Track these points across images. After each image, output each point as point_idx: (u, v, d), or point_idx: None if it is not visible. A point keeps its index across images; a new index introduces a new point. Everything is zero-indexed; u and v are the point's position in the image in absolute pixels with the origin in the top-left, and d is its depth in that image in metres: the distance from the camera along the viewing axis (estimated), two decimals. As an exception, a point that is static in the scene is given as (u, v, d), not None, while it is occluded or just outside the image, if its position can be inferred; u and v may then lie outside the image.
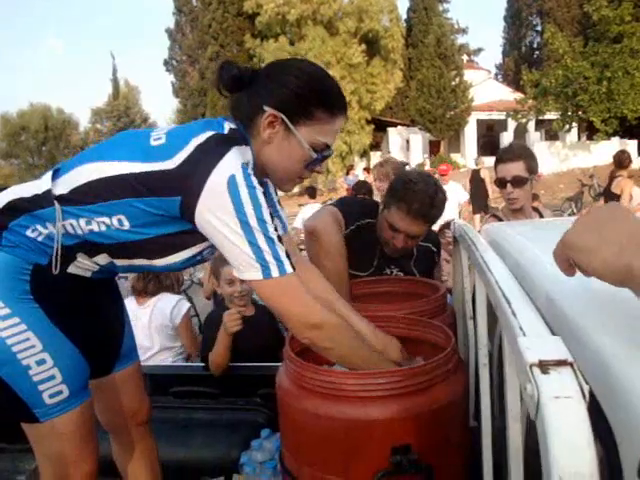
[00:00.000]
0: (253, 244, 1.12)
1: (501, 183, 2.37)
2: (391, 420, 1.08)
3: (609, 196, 5.49)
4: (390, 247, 1.98)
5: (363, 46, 24.79)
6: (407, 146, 27.75)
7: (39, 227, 1.22)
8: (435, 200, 1.86)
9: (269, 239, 1.13)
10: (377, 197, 7.65)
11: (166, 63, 33.46)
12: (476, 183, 11.00)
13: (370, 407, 1.08)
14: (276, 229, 1.17)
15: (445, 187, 3.94)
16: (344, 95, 1.34)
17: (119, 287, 1.58)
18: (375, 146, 28.31)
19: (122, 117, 40.59)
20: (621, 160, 5.66)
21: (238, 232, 1.11)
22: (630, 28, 18.93)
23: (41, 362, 1.24)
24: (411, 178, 1.91)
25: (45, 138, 38.23)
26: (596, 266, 0.64)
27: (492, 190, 11.21)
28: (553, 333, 0.63)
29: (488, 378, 1.12)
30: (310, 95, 1.24)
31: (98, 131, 41.43)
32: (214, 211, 1.12)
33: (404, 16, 30.66)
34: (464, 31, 36.71)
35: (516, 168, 2.33)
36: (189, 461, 2.02)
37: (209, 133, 1.21)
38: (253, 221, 1.11)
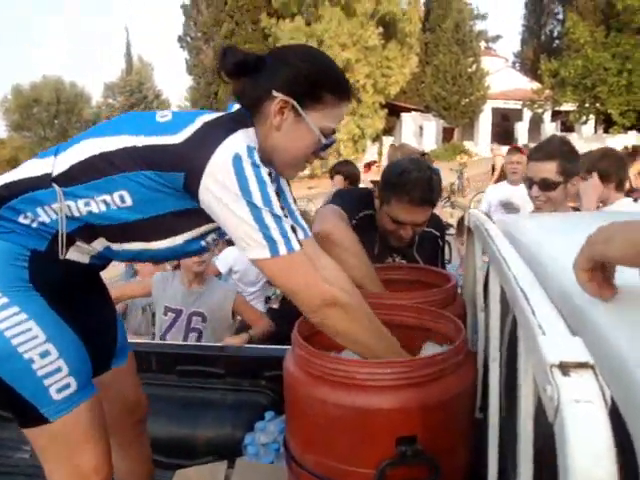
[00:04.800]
0: (259, 221, 1.09)
1: (529, 183, 2.14)
2: (398, 410, 1.07)
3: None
4: (397, 239, 1.95)
5: (380, 29, 24.50)
6: (420, 132, 27.56)
7: (30, 214, 1.17)
8: (432, 183, 1.86)
9: (275, 216, 1.10)
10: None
11: (180, 40, 33.24)
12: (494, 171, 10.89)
13: (377, 396, 1.07)
14: (282, 207, 1.14)
15: (521, 185, 3.88)
16: (348, 81, 1.33)
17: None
18: (388, 131, 28.12)
19: (135, 92, 40.50)
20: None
21: (244, 209, 1.09)
22: (655, 19, 18.55)
23: (45, 354, 1.15)
24: (404, 168, 1.88)
25: (57, 111, 38.26)
26: (619, 247, 0.63)
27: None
28: (572, 333, 0.61)
29: (498, 372, 1.10)
30: (319, 79, 1.22)
31: (110, 106, 41.41)
32: (219, 187, 1.09)
33: None
34: (483, 17, 36.19)
35: (546, 169, 2.06)
36: (191, 440, 2.03)
37: (217, 114, 1.20)
38: (258, 198, 1.09)
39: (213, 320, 2.68)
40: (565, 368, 0.52)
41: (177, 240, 1.25)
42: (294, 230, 1.15)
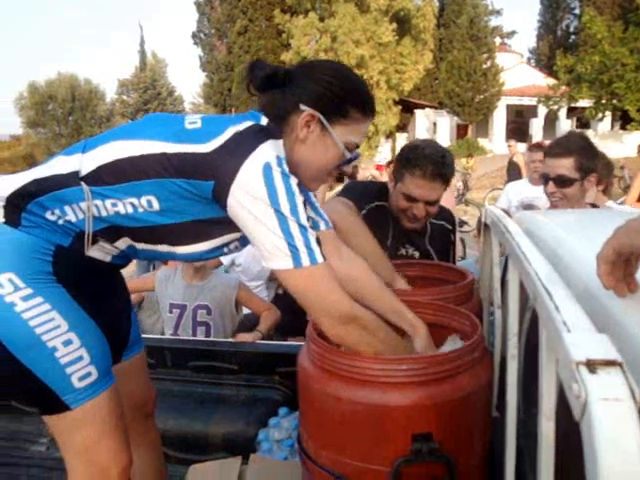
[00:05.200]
0: (285, 231, 1.08)
1: (545, 179, 2.12)
2: (414, 407, 1.06)
3: None
4: (409, 219, 1.96)
5: (394, 25, 24.44)
6: (434, 129, 27.43)
7: (57, 211, 1.18)
8: (446, 159, 1.88)
9: (301, 227, 1.10)
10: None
11: (194, 36, 33.40)
12: (512, 171, 10.83)
13: (393, 393, 1.06)
14: (309, 219, 1.15)
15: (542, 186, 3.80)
16: (373, 97, 1.35)
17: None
18: (402, 128, 28.03)
19: (148, 89, 40.74)
20: None
21: (271, 218, 1.08)
22: (674, 14, 18.28)
23: (68, 343, 1.18)
24: (418, 144, 1.93)
25: (72, 108, 38.53)
26: None
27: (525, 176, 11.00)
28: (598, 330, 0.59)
29: (516, 370, 1.09)
30: (346, 95, 1.24)
31: (124, 102, 41.69)
32: (248, 196, 1.09)
33: (437, -5, 29.98)
34: (498, 12, 35.86)
35: (563, 165, 2.04)
36: (205, 436, 2.03)
37: (248, 123, 1.20)
38: (286, 208, 1.09)
39: (219, 312, 2.68)
40: (592, 366, 0.50)
41: (202, 247, 1.26)
42: (319, 243, 1.15)
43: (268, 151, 1.12)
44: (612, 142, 20.40)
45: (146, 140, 1.18)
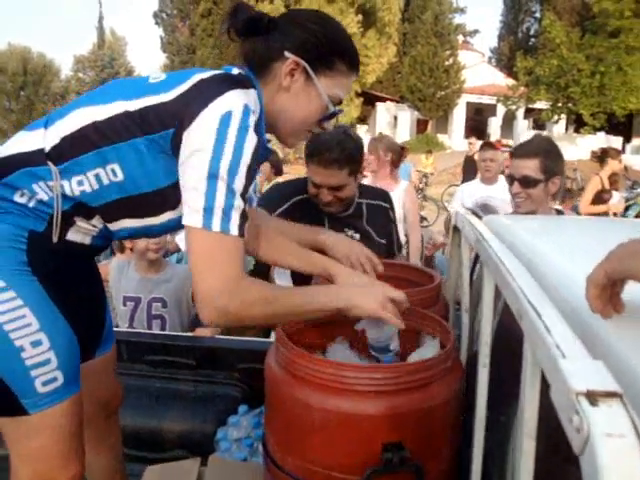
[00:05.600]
0: (210, 187, 1.01)
1: (510, 180, 2.17)
2: (385, 416, 1.04)
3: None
4: (323, 204, 2.02)
5: (359, 17, 24.36)
6: (395, 123, 27.60)
7: (26, 191, 1.10)
8: (344, 144, 1.91)
9: (230, 191, 1.02)
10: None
11: (155, 16, 32.48)
12: (469, 168, 11.03)
13: (365, 402, 1.03)
14: (246, 188, 1.06)
15: (496, 185, 3.83)
16: (358, 52, 1.30)
17: None
18: (362, 120, 28.09)
19: (106, 67, 39.48)
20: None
21: (203, 168, 1.01)
22: (629, 24, 18.93)
23: (37, 343, 1.09)
24: (319, 133, 1.91)
25: (24, 82, 36.89)
26: None
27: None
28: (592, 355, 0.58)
29: (487, 379, 1.08)
30: (333, 45, 1.20)
31: (80, 80, 40.29)
32: (194, 145, 1.03)
33: (403, -11, 30.10)
34: (462, 11, 36.26)
35: (527, 166, 2.09)
36: (161, 433, 1.97)
37: (216, 72, 1.15)
38: (225, 164, 1.01)
39: (174, 305, 2.61)
40: (593, 397, 0.49)
41: (171, 215, 1.19)
42: (244, 218, 1.06)
43: (234, 99, 1.06)
44: (566, 144, 20.95)
45: (109, 103, 1.12)
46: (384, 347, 1.24)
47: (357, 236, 2.09)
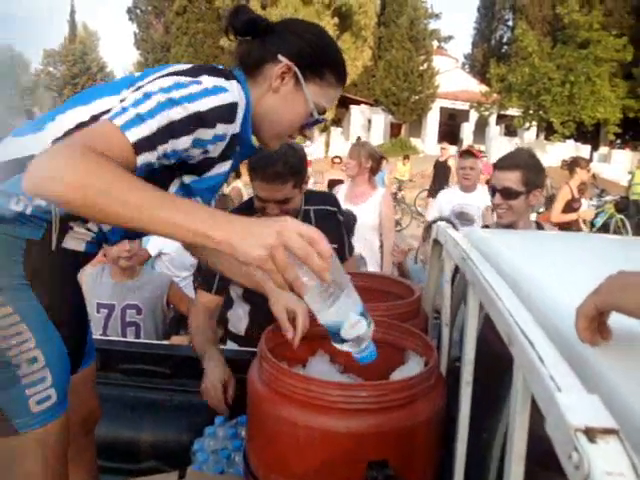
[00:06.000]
0: (142, 98, 0.98)
1: (492, 191, 2.22)
2: (369, 434, 1.04)
3: None
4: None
5: (335, 19, 24.45)
6: (369, 126, 27.72)
7: (22, 196, 1.05)
8: (287, 157, 1.87)
9: (159, 109, 0.97)
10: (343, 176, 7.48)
11: (129, 11, 32.07)
12: (439, 173, 11.21)
13: (350, 419, 1.03)
14: (181, 132, 1.01)
15: (474, 193, 3.85)
16: (346, 67, 1.34)
17: None
18: (337, 122, 28.16)
19: (77, 62, 38.77)
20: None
21: (147, 90, 1.00)
22: (597, 36, 19.42)
23: (33, 361, 1.05)
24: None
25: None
26: (635, 298, 0.63)
27: (456, 181, 11.44)
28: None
29: (470, 397, 1.09)
30: (326, 56, 1.25)
31: (50, 74, 39.47)
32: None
33: (379, -7, 30.30)
34: (437, 16, 36.69)
35: (509, 178, 2.14)
36: (136, 443, 1.94)
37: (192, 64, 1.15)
38: (168, 95, 0.99)
39: (149, 312, 2.57)
40: (591, 433, 0.49)
41: None
42: (151, 145, 0.97)
43: (211, 80, 1.05)
44: (537, 151, 20.88)
45: (97, 100, 1.11)
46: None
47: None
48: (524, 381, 0.69)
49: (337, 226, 2.22)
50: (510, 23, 34.64)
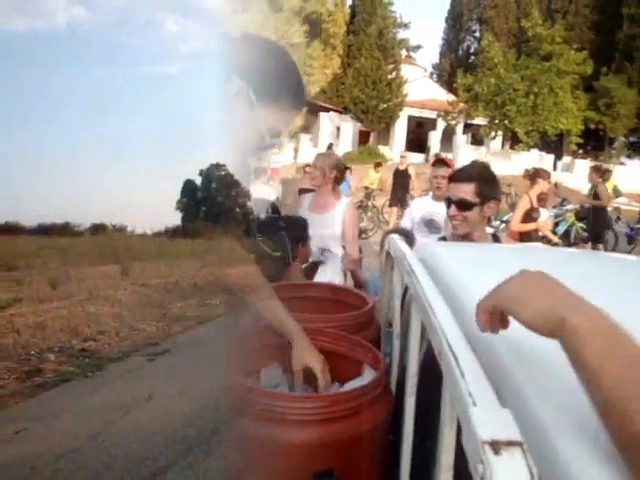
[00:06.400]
0: None
1: (447, 202, 2.25)
2: (315, 445, 1.06)
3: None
4: None
5: (305, 27, 24.59)
6: (337, 133, 27.86)
7: None
8: None
9: None
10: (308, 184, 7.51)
11: None
12: (398, 182, 11.44)
13: (296, 430, 1.06)
14: None
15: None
16: (305, 89, 1.31)
17: None
18: (306, 129, 28.23)
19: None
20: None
21: None
22: (559, 49, 20.02)
23: None
24: None
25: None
26: (530, 315, 0.67)
27: (417, 187, 11.65)
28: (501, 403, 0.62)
29: (413, 409, 1.12)
30: (283, 79, 1.20)
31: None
32: None
33: (349, 2, 30.59)
34: (406, 26, 37.13)
35: (464, 190, 2.18)
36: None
37: None
38: None
39: None
40: (496, 446, 0.53)
41: None
42: None
43: None
44: (502, 160, 21.83)
45: None
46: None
47: (252, 255, 2.07)
48: (451, 397, 0.73)
49: (278, 233, 2.24)
50: (477, 34, 35.35)
